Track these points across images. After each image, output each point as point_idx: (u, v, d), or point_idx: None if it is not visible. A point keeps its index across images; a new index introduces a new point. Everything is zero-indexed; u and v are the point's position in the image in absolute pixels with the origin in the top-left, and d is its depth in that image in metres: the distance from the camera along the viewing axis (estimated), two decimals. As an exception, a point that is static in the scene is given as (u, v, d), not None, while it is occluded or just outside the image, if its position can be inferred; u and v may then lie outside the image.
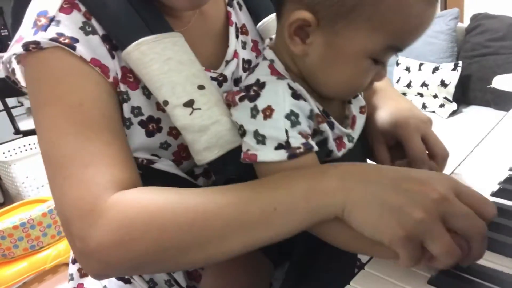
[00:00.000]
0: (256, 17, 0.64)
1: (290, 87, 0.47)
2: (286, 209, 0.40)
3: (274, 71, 0.50)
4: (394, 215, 0.37)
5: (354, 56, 0.45)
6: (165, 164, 0.54)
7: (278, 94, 0.46)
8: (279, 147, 0.45)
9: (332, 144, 0.51)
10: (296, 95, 0.47)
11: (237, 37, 0.61)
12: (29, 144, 2.43)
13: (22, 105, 3.11)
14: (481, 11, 2.31)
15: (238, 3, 0.64)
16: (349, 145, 0.54)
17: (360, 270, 0.45)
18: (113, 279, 0.64)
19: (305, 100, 0.48)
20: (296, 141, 0.45)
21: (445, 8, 2.72)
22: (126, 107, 0.52)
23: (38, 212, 1.68)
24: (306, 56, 0.47)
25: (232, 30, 0.61)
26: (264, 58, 0.52)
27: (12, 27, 0.54)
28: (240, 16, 0.64)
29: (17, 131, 2.37)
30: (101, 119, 0.47)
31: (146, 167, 0.55)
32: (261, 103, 0.46)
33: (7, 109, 2.28)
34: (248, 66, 0.61)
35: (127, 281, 0.64)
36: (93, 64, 0.48)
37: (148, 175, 0.54)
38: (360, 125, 0.57)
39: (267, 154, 0.45)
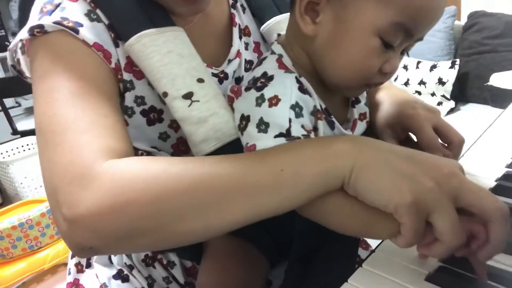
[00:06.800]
0: (260, 20, 0.65)
1: (298, 81, 0.48)
2: (294, 171, 0.38)
3: (281, 65, 0.51)
4: (405, 181, 0.36)
5: (362, 31, 0.45)
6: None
7: (286, 86, 0.47)
8: (279, 135, 0.45)
9: None
10: (302, 89, 0.48)
11: (240, 38, 0.62)
12: (27, 145, 2.42)
13: (19, 105, 3.09)
14: (478, 9, 2.32)
15: (241, 5, 0.65)
16: None
17: (358, 267, 0.45)
18: (112, 278, 0.64)
19: (310, 95, 0.49)
20: (298, 131, 0.45)
21: (443, 6, 2.72)
22: (129, 96, 0.53)
23: (36, 212, 1.68)
24: (315, 38, 0.48)
25: (235, 31, 0.62)
26: (273, 52, 0.53)
27: (19, 21, 0.55)
28: (243, 18, 0.65)
29: (15, 132, 2.36)
30: (99, 94, 0.47)
31: None
32: (268, 93, 0.47)
33: (5, 109, 2.27)
34: (250, 67, 0.62)
35: (125, 279, 0.64)
36: (95, 49, 0.49)
37: None
38: (360, 131, 0.57)
39: (265, 142, 0.44)
